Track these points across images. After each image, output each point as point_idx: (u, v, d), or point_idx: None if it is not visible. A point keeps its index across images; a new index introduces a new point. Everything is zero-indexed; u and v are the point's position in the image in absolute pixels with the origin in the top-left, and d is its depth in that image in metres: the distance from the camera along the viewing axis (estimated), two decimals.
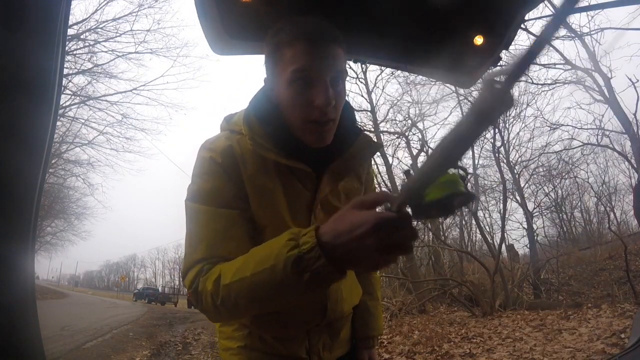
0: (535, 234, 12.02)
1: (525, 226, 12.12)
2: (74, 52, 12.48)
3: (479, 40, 1.18)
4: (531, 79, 9.98)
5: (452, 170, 0.51)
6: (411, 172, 0.61)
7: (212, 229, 0.73)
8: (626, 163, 13.52)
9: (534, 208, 13.58)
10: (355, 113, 0.93)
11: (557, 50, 9.33)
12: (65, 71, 11.35)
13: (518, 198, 12.20)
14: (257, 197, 0.78)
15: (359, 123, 0.88)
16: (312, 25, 0.75)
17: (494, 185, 12.96)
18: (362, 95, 10.56)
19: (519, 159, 12.25)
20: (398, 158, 11.85)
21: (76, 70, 12.93)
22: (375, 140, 0.94)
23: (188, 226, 0.76)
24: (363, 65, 9.25)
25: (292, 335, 0.65)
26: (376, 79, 10.85)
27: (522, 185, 12.40)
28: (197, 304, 0.69)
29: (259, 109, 0.81)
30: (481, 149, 11.70)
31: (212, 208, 0.75)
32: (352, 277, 0.97)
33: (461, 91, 10.13)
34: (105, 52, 13.30)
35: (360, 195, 0.95)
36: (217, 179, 0.76)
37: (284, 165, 0.78)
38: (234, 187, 0.77)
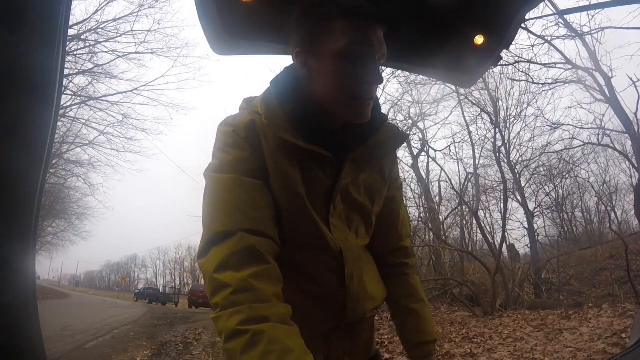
0: (536, 233, 12.00)
1: (526, 226, 12.10)
2: (75, 53, 12.49)
3: (479, 39, 1.18)
4: (532, 78, 9.97)
5: None
6: None
7: (236, 196, 0.69)
8: (627, 163, 13.52)
9: (535, 208, 13.55)
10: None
11: (557, 50, 9.31)
12: (66, 71, 11.38)
13: (519, 198, 12.18)
14: (278, 177, 0.73)
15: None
16: (364, 4, 0.73)
17: (495, 185, 12.95)
18: None
19: (520, 159, 12.22)
20: (399, 158, 11.80)
21: (77, 70, 12.95)
22: (402, 130, 0.89)
23: (208, 198, 0.71)
24: None
25: (308, 338, 0.61)
26: None
27: (522, 185, 12.37)
28: (209, 294, 0.63)
29: (282, 90, 0.77)
30: (482, 149, 11.69)
31: (236, 176, 0.70)
32: (375, 275, 0.89)
33: (462, 91, 10.11)
34: (106, 52, 13.32)
35: (382, 193, 0.87)
36: (240, 151, 0.72)
37: (303, 149, 0.73)
38: (258, 160, 0.73)
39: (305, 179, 0.75)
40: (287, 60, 0.83)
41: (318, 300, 0.79)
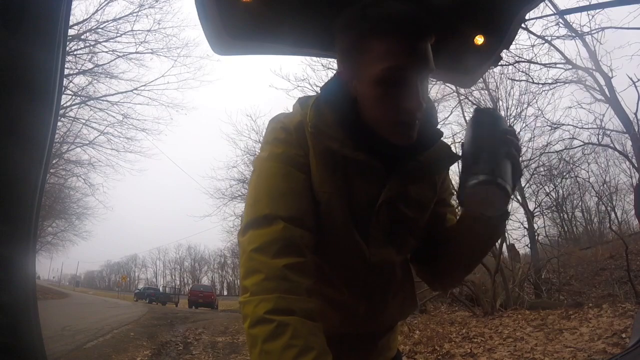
0: (536, 233, 12.01)
1: (526, 226, 12.11)
2: (75, 53, 12.52)
3: (479, 39, 1.18)
4: (532, 78, 9.98)
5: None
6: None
7: (282, 183, 0.70)
8: (627, 162, 13.55)
9: (535, 208, 13.56)
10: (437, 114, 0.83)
11: (557, 50, 9.33)
12: (66, 71, 11.38)
13: (519, 198, 12.18)
14: (318, 181, 0.73)
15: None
16: (404, 15, 0.66)
17: None
18: None
19: (520, 159, 12.22)
20: None
21: (77, 70, 13.00)
22: (454, 151, 0.83)
23: (253, 182, 0.72)
24: None
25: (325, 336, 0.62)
26: None
27: (522, 185, 12.38)
28: (242, 274, 0.64)
29: (331, 97, 0.75)
30: None
31: (283, 165, 0.71)
32: (407, 294, 0.88)
33: (462, 91, 10.11)
34: (106, 52, 13.38)
35: (431, 204, 0.85)
36: (289, 147, 0.72)
37: (349, 157, 0.72)
38: (303, 157, 0.73)
39: (348, 187, 0.74)
40: (287, 61, 0.83)
41: (334, 305, 0.79)
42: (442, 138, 0.80)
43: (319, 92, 0.78)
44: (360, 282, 0.79)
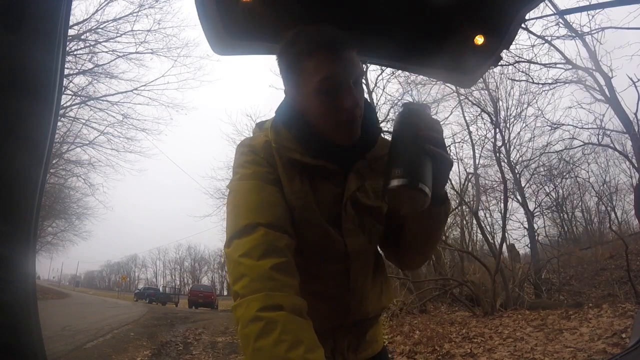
0: (536, 233, 12.03)
1: (526, 226, 12.14)
2: (75, 53, 12.50)
3: (479, 39, 1.18)
4: (532, 78, 9.98)
5: None
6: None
7: (258, 196, 0.77)
8: (627, 163, 13.54)
9: (535, 208, 13.59)
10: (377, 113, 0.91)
11: (557, 50, 9.32)
12: (66, 71, 11.37)
13: (519, 198, 12.20)
14: (290, 190, 0.81)
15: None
16: (326, 34, 0.78)
17: (495, 185, 12.94)
18: None
19: (520, 159, 12.24)
20: None
21: (77, 70, 12.97)
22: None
23: (231, 201, 0.79)
24: (364, 66, 9.20)
25: (316, 331, 0.65)
26: (377, 79, 10.71)
27: (523, 185, 12.39)
28: (231, 282, 0.69)
29: (285, 118, 0.86)
30: (482, 149, 11.68)
31: (256, 181, 0.79)
32: (381, 282, 0.96)
33: (462, 91, 10.11)
34: (106, 52, 13.35)
35: None
36: (258, 166, 0.81)
37: (311, 165, 0.82)
38: (274, 174, 0.82)
39: (315, 190, 0.83)
40: None
41: (324, 299, 0.85)
42: (382, 134, 0.92)
43: (274, 115, 0.89)
44: (342, 273, 0.87)
